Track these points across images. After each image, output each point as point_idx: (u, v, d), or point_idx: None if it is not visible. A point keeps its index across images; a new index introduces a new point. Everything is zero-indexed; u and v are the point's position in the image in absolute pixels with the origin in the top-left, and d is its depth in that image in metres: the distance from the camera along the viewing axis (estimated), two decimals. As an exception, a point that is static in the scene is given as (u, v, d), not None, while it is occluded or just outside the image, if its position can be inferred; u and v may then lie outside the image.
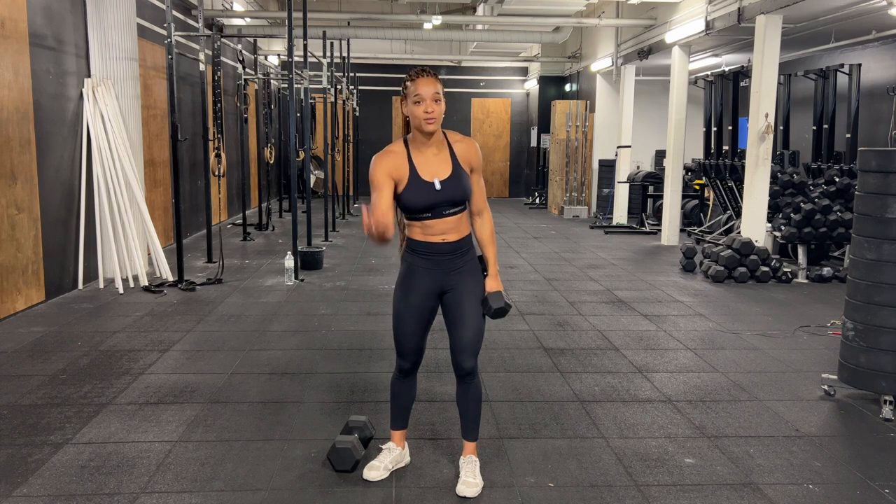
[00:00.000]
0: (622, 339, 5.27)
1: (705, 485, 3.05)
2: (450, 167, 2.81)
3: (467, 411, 2.98)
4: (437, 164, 2.81)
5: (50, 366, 4.43)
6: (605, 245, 10.15)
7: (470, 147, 2.88)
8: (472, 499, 2.89)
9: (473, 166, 2.88)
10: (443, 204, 2.79)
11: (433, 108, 2.72)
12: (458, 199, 2.82)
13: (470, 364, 2.89)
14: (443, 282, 2.88)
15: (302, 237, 8.53)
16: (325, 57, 10.70)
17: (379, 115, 17.71)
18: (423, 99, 2.71)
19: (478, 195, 2.92)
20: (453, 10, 14.75)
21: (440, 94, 2.74)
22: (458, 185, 2.81)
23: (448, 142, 2.85)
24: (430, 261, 2.86)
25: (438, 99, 2.73)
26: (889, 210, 3.76)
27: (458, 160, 2.83)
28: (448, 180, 2.79)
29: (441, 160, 2.82)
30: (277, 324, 5.53)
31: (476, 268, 2.91)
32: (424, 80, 2.73)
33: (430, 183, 2.78)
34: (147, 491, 2.93)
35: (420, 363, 3.03)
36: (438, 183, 2.78)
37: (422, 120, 2.72)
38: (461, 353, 2.88)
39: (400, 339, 2.95)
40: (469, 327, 2.87)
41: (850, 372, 3.97)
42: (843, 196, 7.94)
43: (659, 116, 14.17)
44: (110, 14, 6.81)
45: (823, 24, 8.30)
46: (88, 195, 6.73)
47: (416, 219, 2.83)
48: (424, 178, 2.78)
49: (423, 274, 2.88)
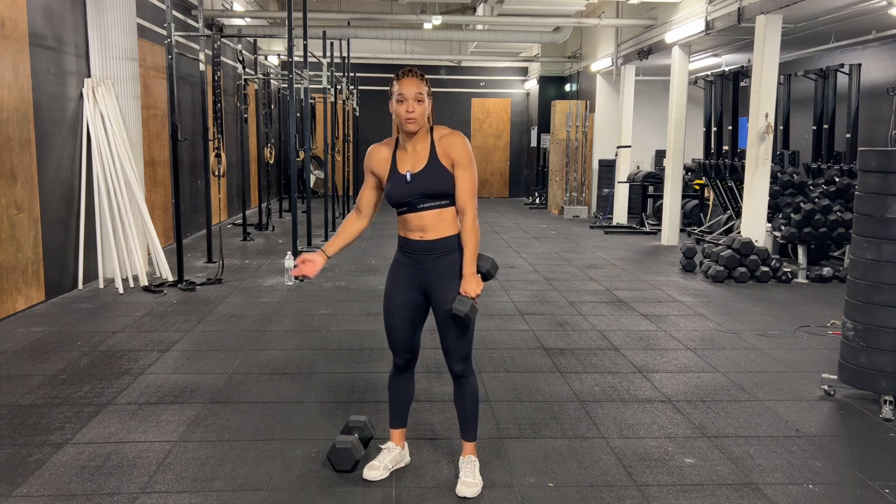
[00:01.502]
0: (622, 339, 5.27)
1: (705, 485, 3.05)
2: (425, 160, 2.80)
3: (464, 411, 2.99)
4: (415, 159, 2.81)
5: (50, 366, 4.43)
6: (605, 245, 10.15)
7: (452, 140, 2.80)
8: (472, 499, 2.89)
9: (455, 160, 2.78)
10: (416, 197, 2.78)
11: (414, 107, 2.72)
12: (430, 192, 2.78)
13: (458, 367, 2.90)
14: (422, 281, 2.86)
15: (302, 237, 8.54)
16: (325, 57, 10.70)
17: (379, 115, 17.69)
18: (404, 98, 2.72)
19: (460, 190, 2.79)
20: (453, 10, 14.75)
21: (423, 95, 2.75)
22: (432, 179, 2.77)
23: (432, 137, 2.84)
24: (409, 257, 2.88)
25: (421, 99, 2.74)
26: (889, 210, 3.76)
27: (436, 154, 2.80)
28: (420, 173, 2.78)
29: (419, 155, 2.82)
30: (277, 324, 5.53)
31: (459, 272, 2.82)
32: (408, 80, 2.75)
33: (404, 175, 2.80)
34: (147, 491, 2.93)
35: (415, 361, 3.04)
36: (409, 175, 2.79)
37: (402, 119, 2.74)
38: (448, 356, 2.92)
39: (389, 334, 2.98)
40: (449, 330, 2.85)
41: (850, 372, 3.97)
42: (843, 196, 7.94)
43: (659, 116, 14.16)
44: (110, 14, 6.81)
45: (823, 24, 8.30)
46: (88, 195, 6.73)
47: (399, 213, 2.88)
48: (400, 170, 2.82)
49: (403, 270, 2.90)
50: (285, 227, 11.39)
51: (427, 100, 2.77)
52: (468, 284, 2.77)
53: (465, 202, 2.81)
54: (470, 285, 2.77)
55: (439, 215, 2.80)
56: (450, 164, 2.80)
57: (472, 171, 2.81)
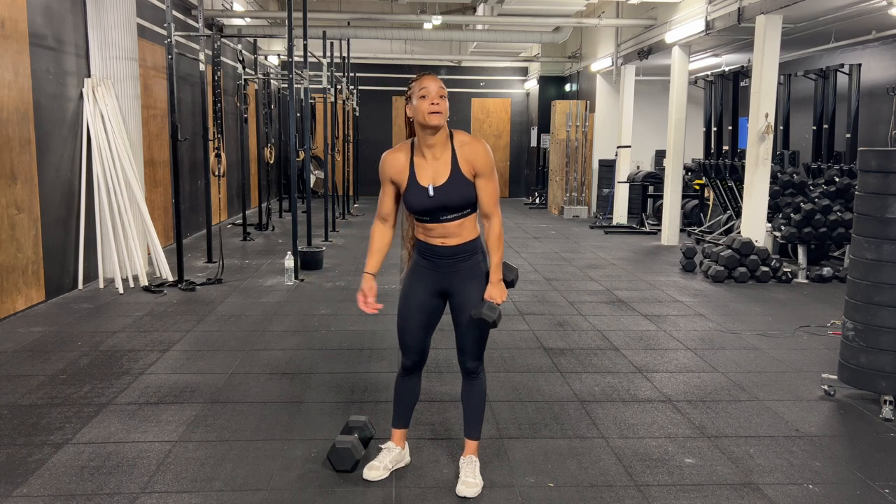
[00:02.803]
0: (622, 339, 5.27)
1: (705, 485, 3.05)
2: (448, 172, 2.76)
3: (470, 408, 3.01)
4: (436, 169, 2.77)
5: (50, 366, 4.43)
6: (605, 245, 10.15)
7: (475, 150, 2.77)
8: (472, 499, 2.89)
9: (478, 170, 2.77)
10: (438, 209, 2.77)
11: (439, 101, 2.70)
12: (453, 205, 2.76)
13: (472, 364, 2.94)
14: (444, 283, 2.88)
15: (302, 237, 8.53)
16: (325, 57, 10.70)
17: (379, 115, 17.70)
18: (429, 93, 2.70)
19: (485, 199, 2.80)
20: (453, 10, 14.75)
21: (445, 93, 2.75)
22: (455, 192, 2.74)
23: (452, 144, 2.79)
24: (430, 261, 2.88)
25: (444, 95, 2.73)
26: (889, 210, 3.76)
27: (458, 165, 2.76)
28: (443, 186, 2.74)
29: (441, 164, 2.77)
30: (277, 324, 5.53)
31: (482, 272, 2.87)
32: (430, 77, 2.74)
33: (425, 188, 2.76)
34: (147, 491, 2.93)
35: (423, 363, 3.04)
36: (432, 189, 2.75)
37: (426, 113, 2.68)
38: (463, 354, 2.94)
39: (401, 335, 2.98)
40: (470, 331, 2.87)
41: (850, 372, 3.97)
42: (843, 196, 7.94)
43: (659, 116, 14.16)
44: (110, 14, 6.81)
45: (823, 24, 8.30)
46: (88, 195, 6.73)
47: (418, 220, 2.85)
48: (421, 184, 2.77)
49: (424, 273, 2.90)
50: (285, 227, 11.39)
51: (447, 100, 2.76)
52: (494, 291, 2.83)
53: (490, 209, 2.82)
54: (496, 292, 2.83)
55: (461, 224, 2.81)
56: (471, 174, 2.77)
57: (495, 178, 2.82)
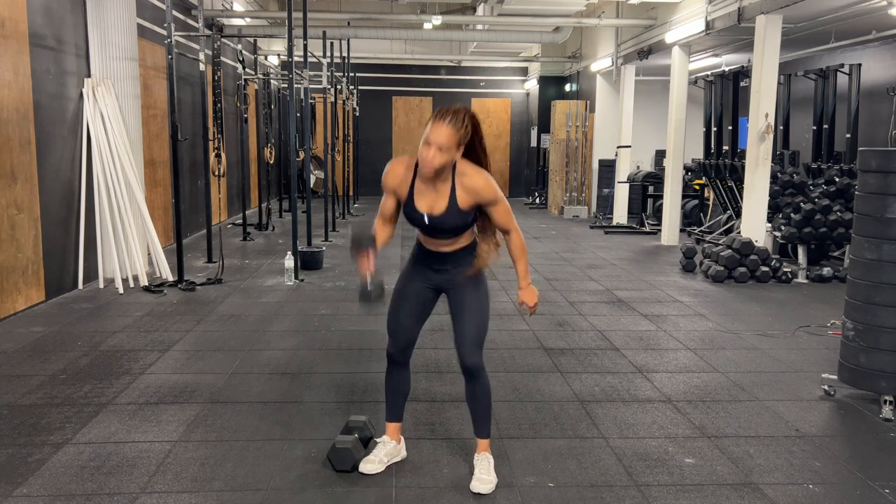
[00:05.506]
0: (622, 339, 5.26)
1: (705, 485, 3.05)
2: (445, 204, 2.78)
3: (475, 409, 3.05)
4: (435, 198, 2.80)
5: (50, 366, 4.43)
6: (605, 245, 10.15)
7: (475, 183, 2.76)
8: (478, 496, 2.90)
9: (483, 202, 2.79)
10: (432, 230, 2.84)
11: (436, 156, 2.67)
12: (448, 230, 2.83)
13: (471, 359, 2.92)
14: (437, 280, 2.96)
15: (302, 237, 8.53)
16: (325, 57, 10.69)
17: (379, 115, 17.70)
18: (430, 143, 2.69)
19: (499, 222, 2.85)
20: (453, 10, 14.75)
21: (451, 145, 2.68)
22: (450, 221, 2.80)
23: (454, 175, 2.78)
24: (427, 258, 2.98)
25: (446, 150, 2.68)
26: (889, 210, 3.76)
27: (456, 198, 2.77)
28: (439, 217, 2.79)
29: (439, 194, 2.79)
30: (277, 324, 5.53)
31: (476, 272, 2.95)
32: (440, 127, 2.68)
33: (422, 214, 2.81)
34: (147, 491, 2.93)
35: (409, 353, 3.08)
36: (427, 218, 2.81)
37: (422, 161, 2.72)
38: (460, 346, 2.95)
39: (390, 325, 3.04)
40: (468, 321, 2.92)
41: (850, 372, 3.97)
42: (843, 196, 7.94)
43: (659, 116, 14.14)
44: (110, 14, 6.81)
45: (823, 24, 8.30)
46: (88, 195, 6.73)
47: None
48: (418, 208, 2.82)
49: (419, 267, 3.00)
50: (285, 227, 11.39)
51: (456, 149, 2.72)
52: (525, 295, 3.01)
53: (507, 226, 2.89)
54: (527, 296, 3.01)
55: (456, 240, 2.89)
56: (469, 205, 2.79)
57: (503, 200, 2.84)
